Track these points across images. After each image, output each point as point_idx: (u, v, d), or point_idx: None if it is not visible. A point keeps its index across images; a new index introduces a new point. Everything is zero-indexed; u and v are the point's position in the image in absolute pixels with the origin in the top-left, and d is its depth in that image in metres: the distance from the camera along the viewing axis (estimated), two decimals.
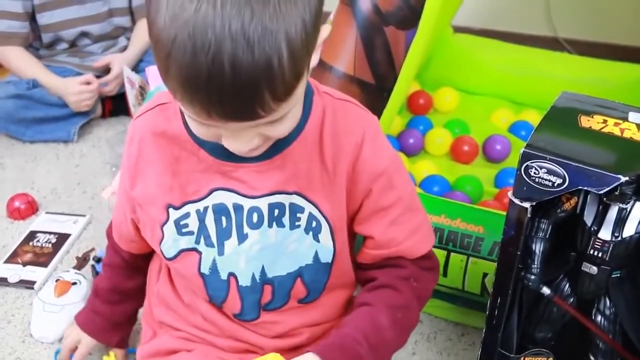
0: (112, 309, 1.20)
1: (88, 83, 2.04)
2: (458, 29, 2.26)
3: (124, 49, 2.20)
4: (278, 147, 0.89)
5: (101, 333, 1.22)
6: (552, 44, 2.44)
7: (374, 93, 1.71)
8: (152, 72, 1.74)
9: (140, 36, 2.19)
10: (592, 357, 1.07)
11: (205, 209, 0.94)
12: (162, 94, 0.97)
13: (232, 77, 0.69)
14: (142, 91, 1.89)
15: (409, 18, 1.54)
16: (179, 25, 0.69)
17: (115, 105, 2.19)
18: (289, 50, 0.71)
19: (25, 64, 2.08)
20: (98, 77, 2.10)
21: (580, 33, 2.48)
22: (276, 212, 0.94)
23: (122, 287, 1.18)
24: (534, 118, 1.93)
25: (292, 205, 0.94)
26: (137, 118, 0.97)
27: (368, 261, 1.01)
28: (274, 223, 0.94)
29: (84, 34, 2.14)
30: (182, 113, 0.91)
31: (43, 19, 2.07)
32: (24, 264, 1.53)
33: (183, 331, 1.04)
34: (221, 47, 0.68)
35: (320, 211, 0.95)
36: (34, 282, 1.48)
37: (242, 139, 0.80)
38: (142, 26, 2.21)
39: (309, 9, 0.73)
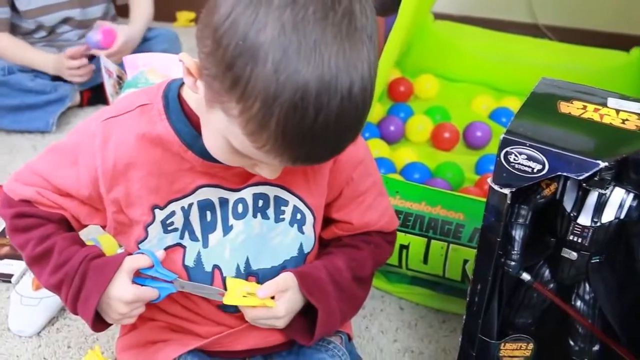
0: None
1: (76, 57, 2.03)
2: (438, 16, 2.25)
3: None
4: None
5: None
6: (532, 30, 2.45)
7: None
8: (129, 62, 1.72)
9: (142, 12, 2.16)
10: (571, 342, 1.07)
11: (190, 205, 0.94)
12: (136, 93, 0.96)
13: (335, 134, 0.73)
14: (120, 80, 1.87)
15: (388, 5, 1.53)
16: (290, 85, 0.69)
17: (93, 95, 2.17)
18: (370, 101, 0.75)
19: (16, 47, 2.06)
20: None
21: (560, 19, 2.49)
22: (260, 202, 0.95)
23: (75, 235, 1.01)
24: (514, 104, 1.93)
25: (276, 197, 0.96)
26: (113, 119, 0.93)
27: (336, 236, 1.06)
28: (259, 214, 0.96)
29: (65, 21, 2.11)
30: (168, 113, 0.90)
31: (22, 5, 2.04)
32: (1, 258, 1.51)
33: (162, 321, 1.03)
34: (331, 108, 0.70)
35: (304, 203, 0.97)
36: (11, 276, 1.46)
37: (279, 170, 0.84)
38: (140, 9, 2.18)
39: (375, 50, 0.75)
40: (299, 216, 0.98)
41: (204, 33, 0.75)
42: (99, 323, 0.96)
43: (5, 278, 1.46)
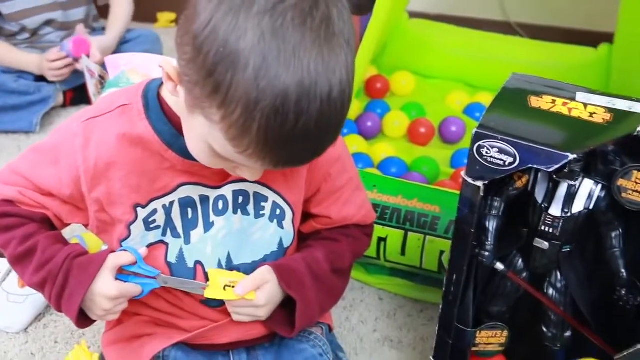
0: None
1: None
2: (413, 15, 2.26)
3: None
4: None
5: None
6: (505, 28, 2.46)
7: None
8: (111, 62, 1.71)
9: (120, 14, 2.15)
10: (544, 329, 1.08)
11: (171, 203, 0.94)
12: (116, 94, 0.96)
13: (315, 137, 0.74)
14: (102, 80, 1.86)
15: (364, 4, 1.53)
16: (270, 90, 0.69)
17: (76, 95, 2.15)
18: (349, 104, 0.76)
19: (1, 50, 2.04)
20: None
21: (531, 17, 2.50)
22: (240, 199, 0.95)
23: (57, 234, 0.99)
24: (487, 100, 1.92)
25: (256, 194, 0.96)
26: (93, 119, 0.92)
27: (314, 230, 1.06)
28: (239, 210, 0.96)
29: (47, 23, 2.10)
30: (147, 113, 0.90)
31: (5, 8, 2.02)
32: None
33: (146, 316, 1.03)
34: (311, 112, 0.71)
35: (283, 199, 0.98)
36: None
37: (260, 172, 0.85)
38: (119, 9, 2.17)
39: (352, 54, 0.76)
40: (278, 212, 0.98)
41: (184, 40, 0.74)
42: (83, 320, 0.95)
43: None
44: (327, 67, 0.71)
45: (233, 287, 0.94)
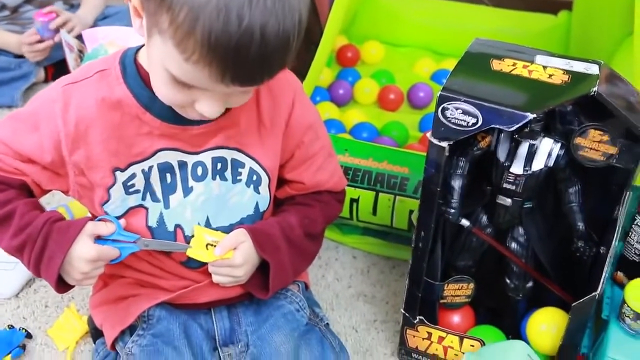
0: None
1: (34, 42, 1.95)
2: None
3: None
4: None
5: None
6: None
7: (301, 46, 1.68)
8: (89, 35, 1.67)
9: None
10: (507, 280, 1.09)
11: (150, 168, 0.92)
12: (94, 62, 0.93)
13: (259, 46, 0.71)
14: (81, 54, 1.82)
15: None
16: None
17: (57, 70, 2.10)
18: (300, 27, 0.75)
19: None
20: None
21: None
22: (219, 165, 0.94)
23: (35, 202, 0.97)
24: (453, 67, 1.93)
25: (233, 160, 0.95)
26: (72, 85, 0.90)
27: (289, 195, 1.05)
28: (217, 176, 0.95)
29: (28, 1, 2.04)
30: (125, 77, 0.88)
31: None
32: None
33: (130, 277, 1.02)
34: (255, 19, 0.69)
35: (260, 165, 0.97)
36: None
37: (219, 103, 0.81)
38: None
39: None
40: (254, 177, 0.97)
41: None
42: (62, 285, 0.92)
43: None
44: None
45: (214, 247, 0.94)
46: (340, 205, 1.10)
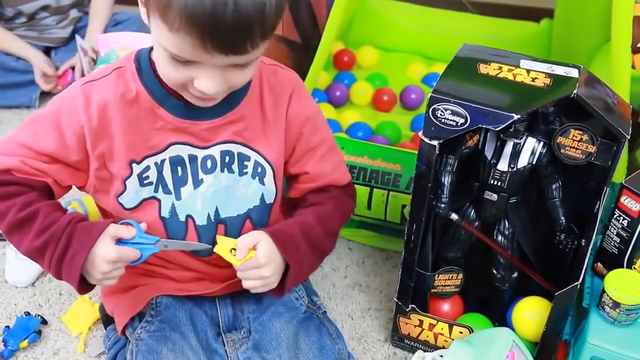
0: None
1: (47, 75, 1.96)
2: None
3: (76, 20, 2.09)
4: (229, 105, 0.91)
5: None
6: (457, 5, 2.42)
7: (301, 51, 1.68)
8: (102, 40, 1.67)
9: (99, 13, 2.08)
10: (494, 271, 1.09)
11: (163, 161, 0.92)
12: (110, 64, 0.93)
13: (233, 12, 0.71)
14: (94, 58, 1.81)
15: None
16: None
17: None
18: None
19: (7, 38, 1.97)
20: (52, 48, 2.01)
21: None
22: (227, 158, 0.94)
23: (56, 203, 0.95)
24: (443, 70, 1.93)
25: (239, 154, 0.95)
26: (91, 82, 0.90)
27: (300, 195, 1.03)
28: (225, 169, 0.95)
29: (44, 8, 2.03)
30: (140, 74, 0.88)
31: None
32: None
33: (140, 268, 1.01)
34: None
35: (264, 158, 0.96)
36: None
37: (215, 79, 0.79)
38: (98, 6, 2.09)
39: None
40: (259, 169, 0.97)
41: None
42: (83, 285, 0.89)
43: (2, 237, 1.42)
44: None
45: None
46: (352, 201, 1.07)
